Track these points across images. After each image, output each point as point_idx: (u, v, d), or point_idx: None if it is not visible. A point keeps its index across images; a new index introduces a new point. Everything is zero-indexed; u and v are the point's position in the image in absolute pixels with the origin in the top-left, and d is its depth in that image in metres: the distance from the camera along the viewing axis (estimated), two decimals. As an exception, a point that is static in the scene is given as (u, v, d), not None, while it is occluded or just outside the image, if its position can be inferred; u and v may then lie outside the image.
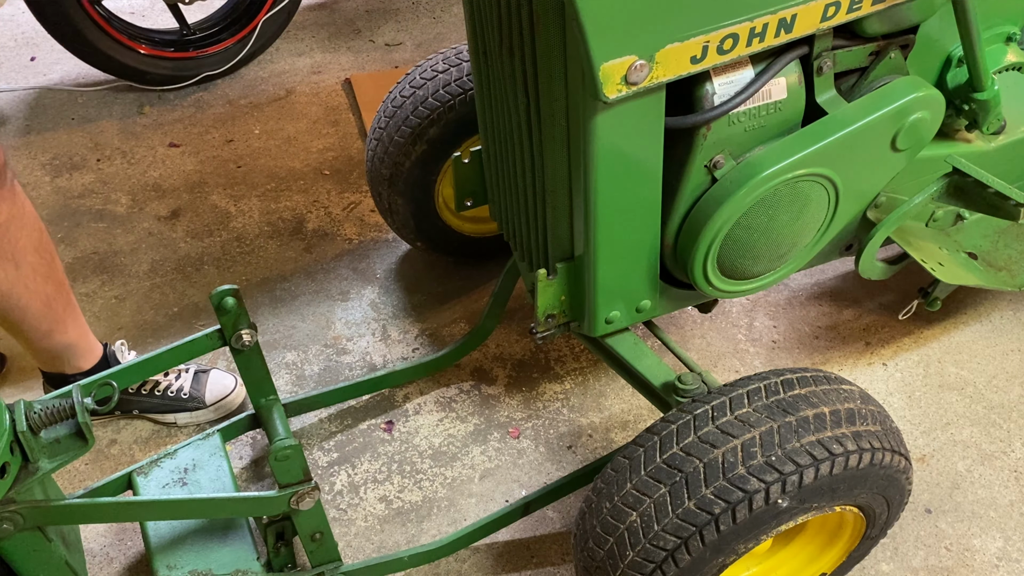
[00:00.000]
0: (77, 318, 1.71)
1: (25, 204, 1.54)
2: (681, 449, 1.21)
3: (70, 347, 1.71)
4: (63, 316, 1.67)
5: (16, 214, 1.52)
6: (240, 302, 1.43)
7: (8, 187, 1.49)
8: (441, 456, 1.78)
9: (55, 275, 1.63)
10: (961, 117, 1.52)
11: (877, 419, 1.26)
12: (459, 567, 1.61)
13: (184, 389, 1.81)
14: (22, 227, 1.53)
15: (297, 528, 1.39)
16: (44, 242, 1.59)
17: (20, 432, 1.20)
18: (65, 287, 1.66)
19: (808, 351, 1.95)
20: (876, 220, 1.49)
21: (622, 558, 1.22)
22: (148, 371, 1.45)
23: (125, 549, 1.65)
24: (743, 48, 1.16)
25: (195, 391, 1.81)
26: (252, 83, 2.75)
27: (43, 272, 1.59)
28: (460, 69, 1.80)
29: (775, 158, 1.27)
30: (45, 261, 1.60)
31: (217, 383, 1.83)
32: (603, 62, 1.06)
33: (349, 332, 2.01)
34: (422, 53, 2.86)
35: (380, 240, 2.22)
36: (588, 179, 1.22)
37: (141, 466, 1.54)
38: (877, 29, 1.31)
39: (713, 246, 1.32)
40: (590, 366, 1.92)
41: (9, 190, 1.50)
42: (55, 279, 1.63)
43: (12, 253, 1.53)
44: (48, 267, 1.60)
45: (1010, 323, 1.99)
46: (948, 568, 1.59)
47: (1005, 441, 1.78)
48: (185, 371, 1.84)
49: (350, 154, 2.47)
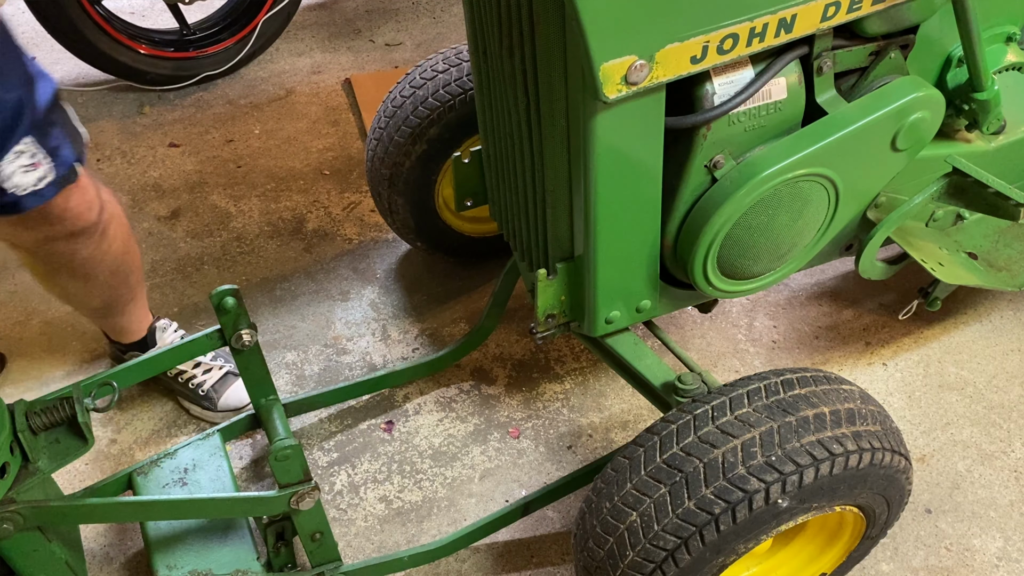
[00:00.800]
0: (137, 308, 1.79)
1: (111, 225, 1.58)
2: (681, 449, 1.21)
3: (120, 327, 1.80)
4: (125, 307, 1.76)
5: (104, 244, 1.57)
6: (240, 302, 1.43)
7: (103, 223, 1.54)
8: (441, 456, 1.78)
9: (128, 281, 1.69)
10: (961, 117, 1.52)
11: (877, 419, 1.26)
12: (459, 567, 1.61)
13: (204, 387, 1.82)
14: (106, 254, 1.58)
15: (297, 528, 1.39)
16: (124, 260, 1.64)
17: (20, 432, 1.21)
18: (130, 287, 1.72)
19: (808, 351, 1.95)
20: (876, 220, 1.49)
21: (622, 558, 1.22)
22: (148, 371, 1.45)
23: (125, 549, 1.65)
24: (743, 48, 1.16)
25: (213, 392, 1.82)
26: (252, 83, 2.75)
27: (116, 282, 1.66)
28: (460, 69, 1.80)
29: (775, 158, 1.27)
30: (121, 274, 1.65)
31: (237, 392, 1.84)
32: (603, 62, 1.06)
33: (349, 332, 2.01)
34: (422, 53, 2.86)
35: (380, 240, 2.22)
36: (588, 179, 1.22)
37: (141, 466, 1.54)
38: (877, 29, 1.31)
39: (713, 246, 1.32)
40: (590, 366, 1.93)
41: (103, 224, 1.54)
42: (128, 285, 1.70)
43: (88, 272, 1.58)
44: (124, 278, 1.67)
45: (1010, 323, 1.99)
46: (948, 568, 1.59)
47: (1005, 441, 1.78)
48: (218, 368, 1.84)
49: (350, 154, 2.47)
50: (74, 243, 1.50)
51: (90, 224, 1.49)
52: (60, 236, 1.47)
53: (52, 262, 1.53)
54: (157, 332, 1.85)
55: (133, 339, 1.83)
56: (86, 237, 1.51)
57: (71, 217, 1.45)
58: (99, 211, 1.51)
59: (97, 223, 1.51)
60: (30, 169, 1.30)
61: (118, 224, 1.59)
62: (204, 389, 1.82)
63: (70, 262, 1.54)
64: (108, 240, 1.56)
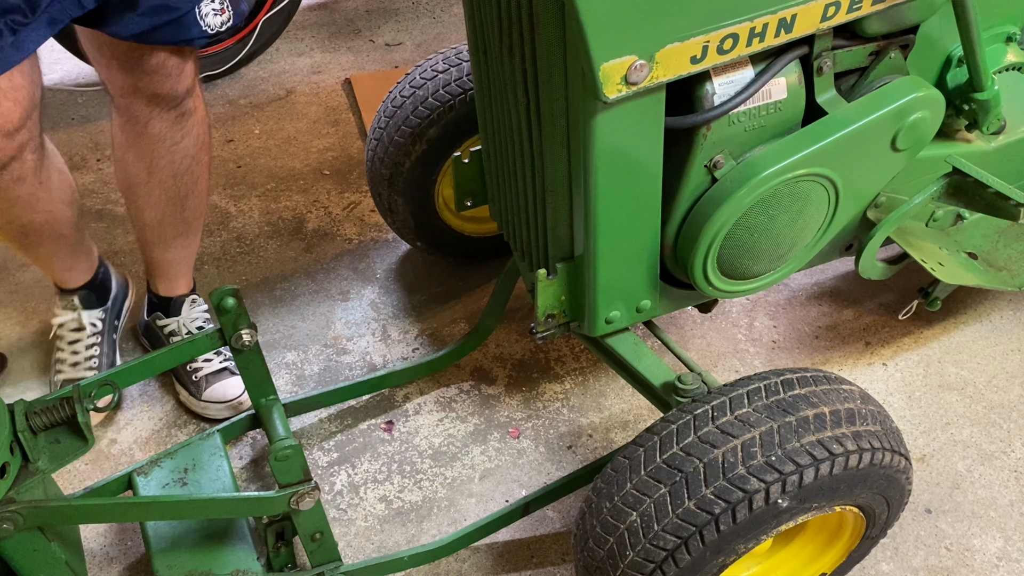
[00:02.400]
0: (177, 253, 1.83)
1: (194, 135, 1.65)
2: (681, 449, 1.21)
3: (158, 266, 1.85)
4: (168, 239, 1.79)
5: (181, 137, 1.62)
6: (240, 302, 1.43)
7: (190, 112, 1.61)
8: (441, 456, 1.78)
9: (184, 205, 1.72)
10: (961, 117, 1.52)
11: (877, 419, 1.26)
12: (459, 567, 1.61)
13: (197, 374, 1.82)
14: (176, 145, 1.63)
15: (297, 528, 1.39)
16: (187, 175, 1.68)
17: (20, 432, 1.21)
18: (184, 217, 1.75)
19: (808, 351, 1.95)
20: (876, 220, 1.49)
21: (622, 558, 1.22)
22: (148, 371, 1.45)
23: (125, 549, 1.65)
24: (743, 48, 1.16)
25: (204, 382, 1.82)
26: (252, 83, 2.75)
27: (175, 192, 1.69)
28: (460, 69, 1.80)
29: (775, 158, 1.27)
30: (182, 186, 1.69)
31: (224, 388, 1.82)
32: (603, 62, 1.06)
33: (349, 332, 2.01)
34: (422, 53, 2.86)
35: (380, 240, 2.22)
36: (588, 179, 1.22)
37: (141, 466, 1.54)
38: (877, 29, 1.31)
39: (713, 246, 1.32)
40: (590, 366, 1.93)
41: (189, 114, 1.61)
42: (183, 210, 1.73)
43: (154, 156, 1.63)
44: (182, 194, 1.70)
45: (1010, 323, 1.99)
46: (948, 568, 1.59)
47: (1005, 441, 1.78)
48: (219, 361, 1.84)
49: (350, 154, 2.47)
50: (152, 109, 1.55)
51: (175, 94, 1.55)
52: (145, 91, 1.52)
53: (129, 129, 1.60)
54: (185, 304, 1.88)
55: (166, 291, 1.87)
56: (163, 108, 1.56)
57: (163, 74, 1.51)
58: (186, 92, 1.56)
59: (180, 100, 1.56)
60: (219, 13, 1.48)
61: (199, 126, 1.64)
62: (197, 376, 1.82)
63: (142, 134, 1.59)
64: (182, 130, 1.60)
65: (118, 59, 1.50)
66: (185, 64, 1.53)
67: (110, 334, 1.92)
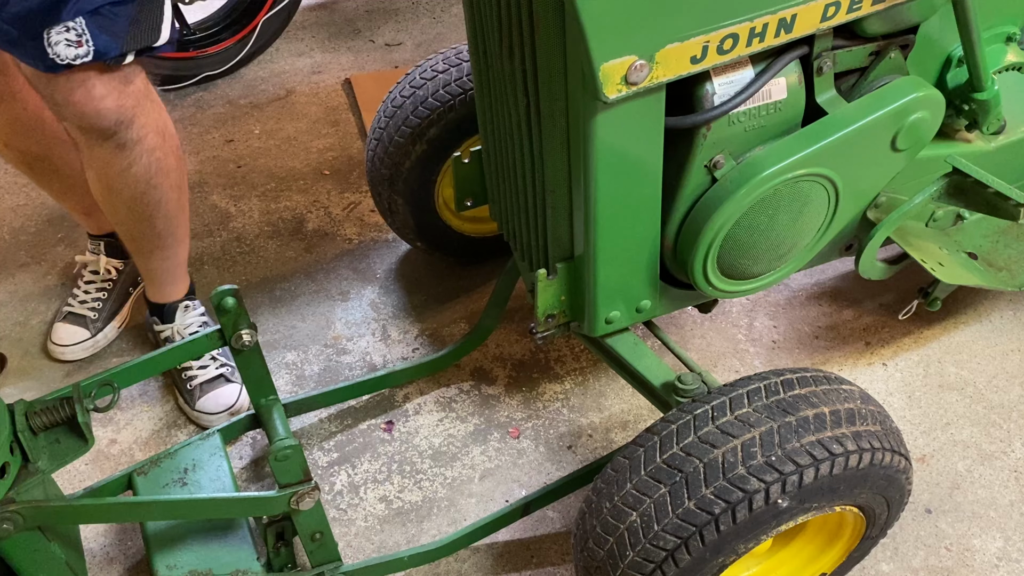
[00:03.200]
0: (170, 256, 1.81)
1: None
2: (681, 449, 1.21)
3: (146, 275, 1.85)
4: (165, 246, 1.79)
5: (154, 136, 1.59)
6: (240, 302, 1.43)
7: None
8: (441, 456, 1.78)
9: (153, 222, 1.70)
10: (961, 117, 1.52)
11: (877, 419, 1.26)
12: (459, 567, 1.61)
13: (192, 382, 1.82)
14: (124, 172, 1.60)
15: (297, 528, 1.39)
16: (145, 197, 1.66)
17: (20, 432, 1.21)
18: (155, 231, 1.73)
19: (808, 351, 1.95)
20: (876, 220, 1.49)
21: (622, 558, 1.22)
22: (148, 371, 1.45)
23: (125, 549, 1.65)
24: (743, 48, 1.16)
25: (198, 391, 1.81)
26: (252, 83, 2.75)
27: (138, 213, 1.67)
28: (460, 69, 1.80)
29: (775, 158, 1.27)
30: (144, 206, 1.66)
31: (217, 398, 1.82)
32: (603, 62, 1.06)
33: (349, 332, 2.01)
34: (422, 53, 2.86)
35: (380, 240, 2.22)
36: (588, 179, 1.22)
37: (141, 466, 1.54)
38: (877, 29, 1.31)
39: (713, 246, 1.32)
40: (590, 366, 1.93)
41: None
42: (151, 224, 1.71)
43: (110, 183, 1.60)
44: (146, 213, 1.68)
45: (1010, 323, 1.99)
46: (948, 568, 1.59)
47: (1005, 441, 1.78)
48: (214, 368, 1.84)
49: (350, 154, 2.47)
50: (86, 136, 1.53)
51: (100, 127, 1.50)
52: (69, 118, 1.50)
53: (79, 150, 1.59)
54: (179, 311, 1.88)
55: (157, 298, 1.88)
56: (95, 138, 1.52)
57: (74, 103, 1.46)
58: (116, 124, 1.51)
59: (112, 132, 1.52)
60: (74, 45, 1.38)
61: (150, 155, 1.59)
62: (192, 384, 1.82)
63: (89, 158, 1.58)
64: (127, 159, 1.57)
65: (31, 82, 1.48)
66: (102, 100, 1.46)
67: (125, 286, 1.99)
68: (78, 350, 1.92)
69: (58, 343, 1.92)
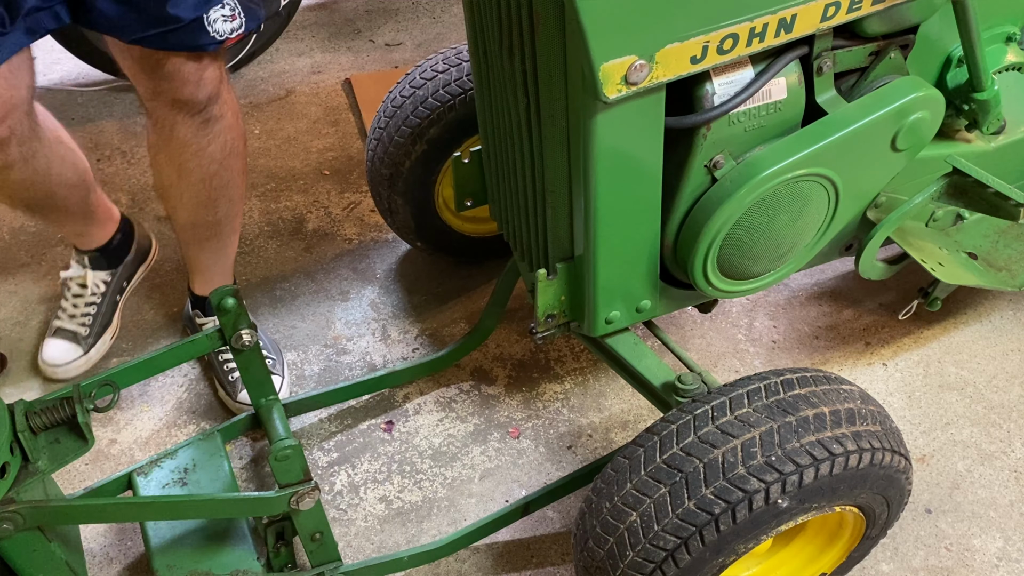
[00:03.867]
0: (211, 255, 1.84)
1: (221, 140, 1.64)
2: (681, 449, 1.21)
3: (199, 267, 1.87)
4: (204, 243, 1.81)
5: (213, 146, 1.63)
6: (240, 302, 1.43)
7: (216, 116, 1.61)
8: (441, 456, 1.78)
9: (216, 205, 1.72)
10: (961, 117, 1.52)
11: (877, 419, 1.26)
12: (459, 567, 1.61)
13: (234, 374, 1.82)
14: (202, 150, 1.63)
15: (297, 528, 1.39)
16: (215, 179, 1.68)
17: (20, 432, 1.21)
18: (216, 217, 1.75)
19: (808, 351, 1.95)
20: (876, 220, 1.49)
21: (622, 558, 1.22)
22: (148, 371, 1.45)
23: (125, 549, 1.65)
24: (743, 48, 1.16)
25: (240, 384, 1.80)
26: (252, 83, 2.75)
27: (206, 196, 1.70)
28: (460, 69, 1.80)
29: (775, 158, 1.27)
30: (213, 188, 1.69)
31: None
32: (603, 62, 1.06)
33: (349, 332, 2.01)
34: (422, 53, 2.86)
35: (380, 240, 2.22)
36: (588, 179, 1.22)
37: (141, 466, 1.54)
38: (877, 29, 1.31)
39: (713, 246, 1.32)
40: (590, 366, 1.93)
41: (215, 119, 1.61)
42: (214, 209, 1.73)
43: (183, 162, 1.63)
44: (213, 196, 1.70)
45: (1010, 323, 1.99)
46: (948, 568, 1.59)
47: (1005, 441, 1.78)
48: None
49: (350, 154, 2.47)
50: (176, 114, 1.56)
51: (195, 100, 1.54)
52: (166, 95, 1.53)
53: (157, 132, 1.61)
54: None
55: (201, 290, 1.88)
56: (186, 113, 1.56)
57: (180, 79, 1.51)
58: (208, 99, 1.55)
59: (203, 106, 1.56)
60: (228, 19, 1.47)
61: (228, 133, 1.63)
62: (234, 376, 1.82)
63: (169, 138, 1.60)
64: (208, 135, 1.60)
65: (137, 62, 1.51)
66: (204, 70, 1.52)
67: (113, 296, 1.97)
68: (71, 369, 1.90)
69: (50, 363, 1.89)
